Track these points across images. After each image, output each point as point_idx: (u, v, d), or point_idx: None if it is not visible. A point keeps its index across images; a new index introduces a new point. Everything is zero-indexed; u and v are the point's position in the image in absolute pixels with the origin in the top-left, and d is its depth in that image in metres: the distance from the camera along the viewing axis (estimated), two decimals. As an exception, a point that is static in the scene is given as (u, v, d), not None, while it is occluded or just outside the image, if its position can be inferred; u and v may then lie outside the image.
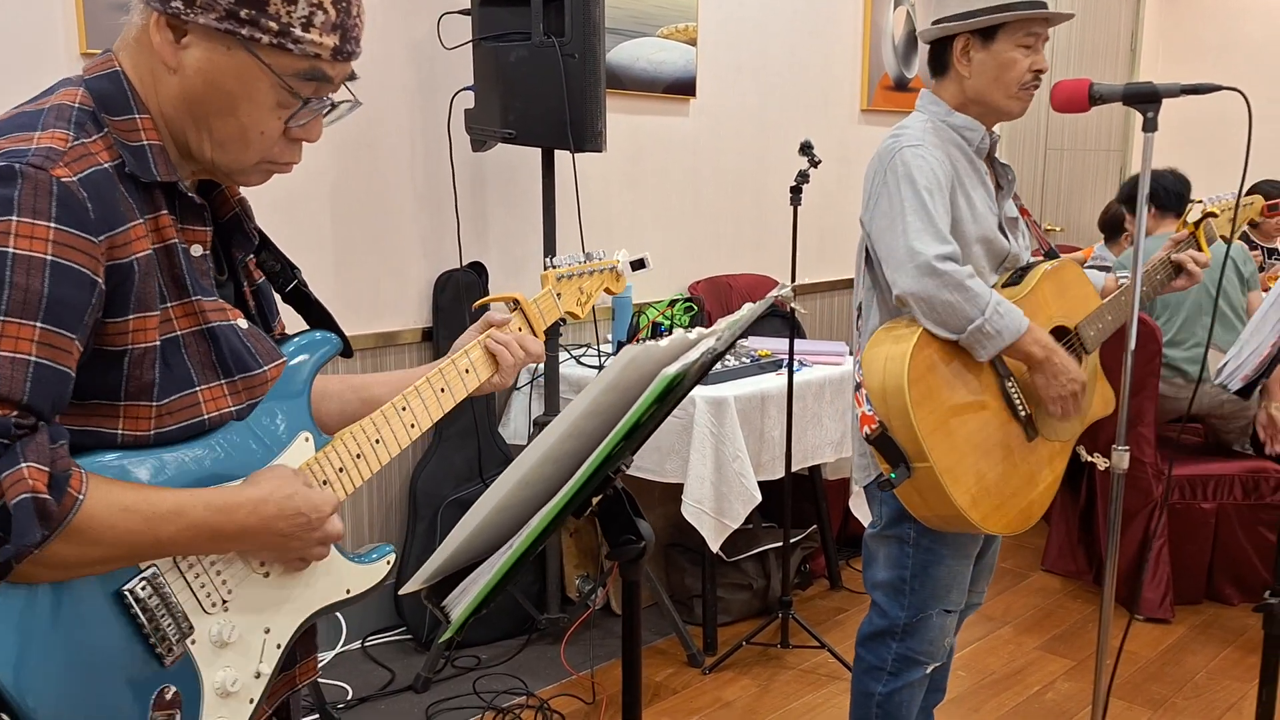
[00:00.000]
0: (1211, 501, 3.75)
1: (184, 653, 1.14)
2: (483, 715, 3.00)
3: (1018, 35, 2.21)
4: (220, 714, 1.17)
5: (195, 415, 1.15)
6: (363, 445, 1.31)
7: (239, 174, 1.21)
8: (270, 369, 1.23)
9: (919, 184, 2.13)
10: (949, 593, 2.35)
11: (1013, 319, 2.11)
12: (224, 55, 1.12)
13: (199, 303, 1.16)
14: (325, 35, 1.14)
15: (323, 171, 3.18)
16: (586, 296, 1.63)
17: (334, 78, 1.19)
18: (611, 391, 1.11)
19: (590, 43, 2.97)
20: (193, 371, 1.15)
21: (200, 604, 1.16)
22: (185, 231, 1.18)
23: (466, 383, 1.42)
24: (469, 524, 1.15)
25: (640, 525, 1.36)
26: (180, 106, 1.15)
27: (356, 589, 1.32)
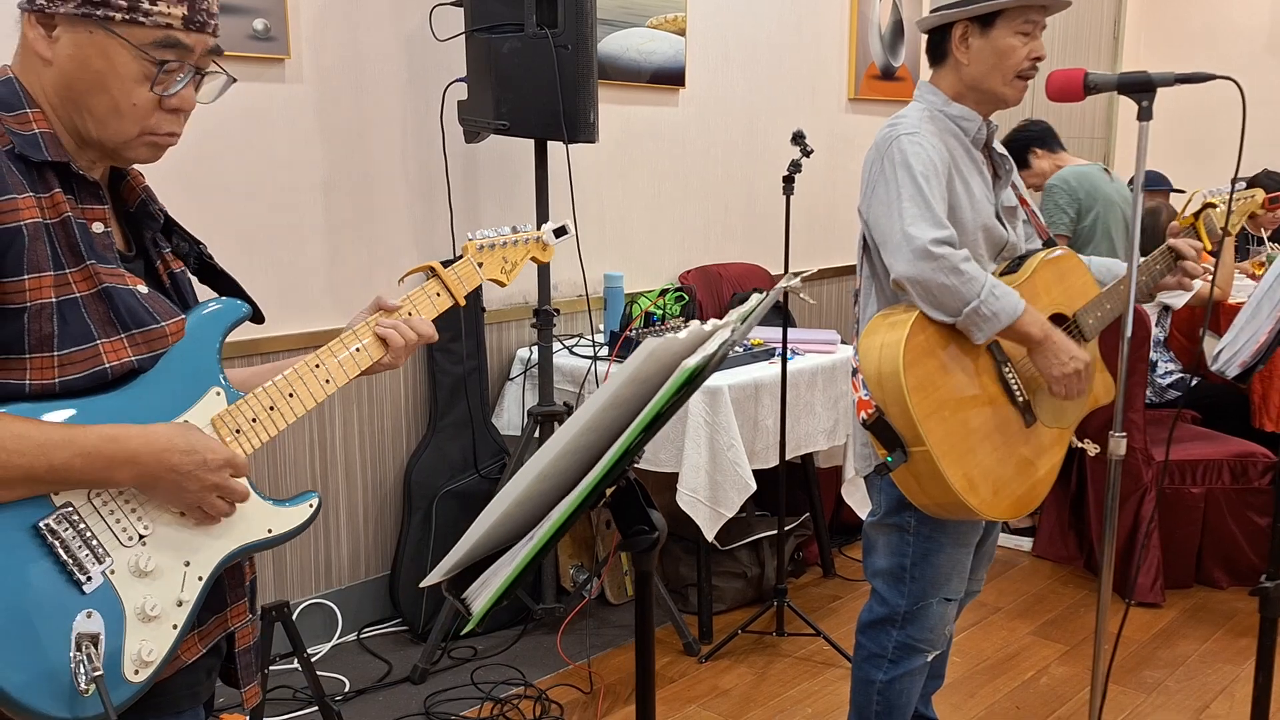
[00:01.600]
0: (1200, 486, 3.78)
1: (103, 581, 1.24)
2: (481, 706, 3.01)
3: (1016, 22, 2.22)
4: (143, 636, 1.26)
5: (97, 365, 1.26)
6: (276, 399, 1.41)
7: (125, 149, 1.32)
8: (169, 324, 1.32)
9: (915, 170, 2.14)
10: (949, 581, 2.37)
11: (1009, 301, 2.13)
12: (87, 38, 1.25)
13: (93, 267, 1.26)
14: (173, 6, 1.27)
15: (315, 163, 3.17)
16: (511, 265, 1.72)
17: (191, 45, 1.29)
18: (631, 384, 1.11)
19: (583, 34, 2.97)
20: (92, 327, 1.26)
21: (117, 537, 1.27)
22: (84, 210, 1.29)
23: (357, 359, 1.49)
24: (488, 517, 1.16)
25: (653, 515, 1.36)
26: (62, 93, 1.28)
27: (278, 529, 1.40)
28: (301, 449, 3.25)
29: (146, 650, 1.26)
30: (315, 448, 3.28)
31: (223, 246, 2.98)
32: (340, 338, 1.49)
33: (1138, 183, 2.13)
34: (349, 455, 3.36)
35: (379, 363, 1.52)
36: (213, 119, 2.90)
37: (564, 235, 1.82)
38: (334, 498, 3.35)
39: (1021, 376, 2.26)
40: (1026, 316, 2.15)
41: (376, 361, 1.51)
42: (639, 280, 3.99)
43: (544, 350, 3.25)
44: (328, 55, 3.16)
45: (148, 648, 1.26)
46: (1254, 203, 2.60)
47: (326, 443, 3.30)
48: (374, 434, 3.41)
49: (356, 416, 3.36)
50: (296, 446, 3.23)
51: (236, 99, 2.97)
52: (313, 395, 1.44)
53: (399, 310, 1.54)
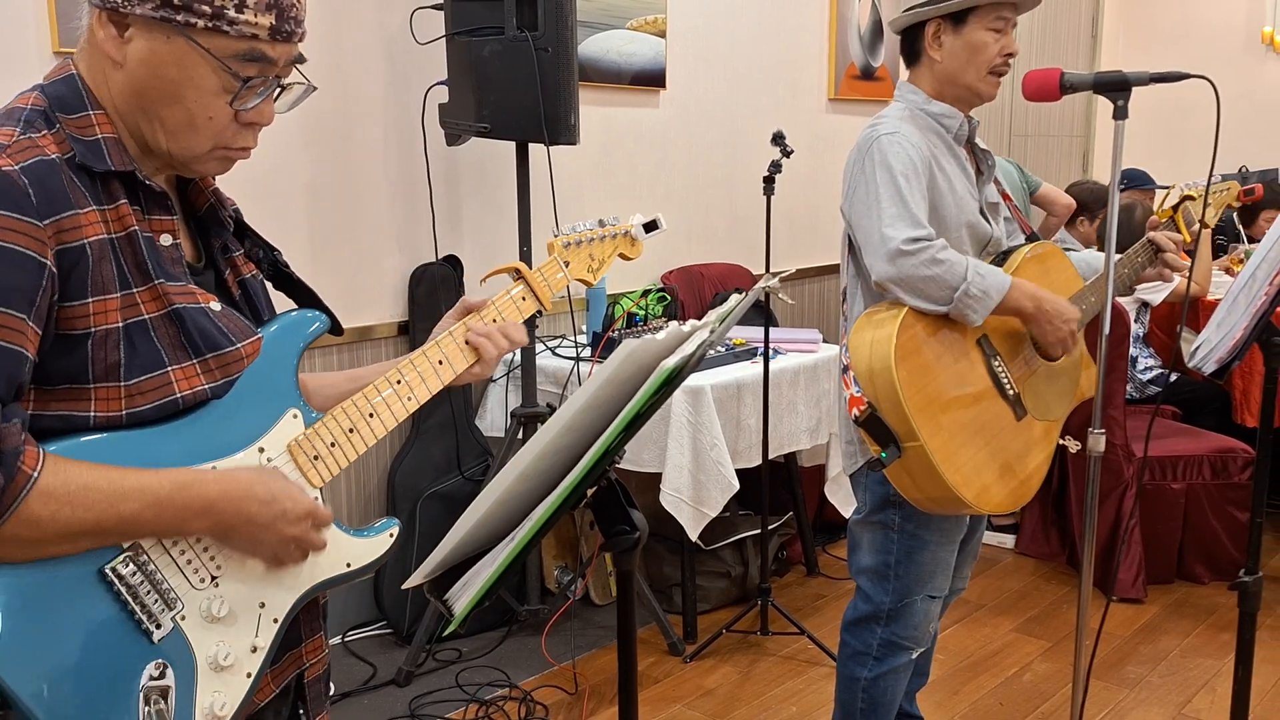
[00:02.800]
0: (1181, 482, 3.81)
1: (173, 628, 1.15)
2: (466, 708, 3.00)
3: (988, 19, 2.24)
4: (215, 687, 1.17)
5: (168, 394, 1.15)
6: (356, 421, 1.30)
7: (195, 163, 1.22)
8: (244, 346, 1.22)
9: (895, 170, 2.16)
10: (933, 578, 2.38)
11: (995, 278, 2.15)
12: (164, 44, 1.14)
13: (163, 286, 1.16)
14: (260, 15, 1.15)
15: (297, 166, 3.16)
16: (599, 263, 1.60)
17: (275, 58, 1.19)
18: (610, 385, 1.12)
19: (563, 37, 2.97)
20: (162, 352, 1.15)
21: (188, 580, 1.17)
22: (151, 221, 1.19)
23: (441, 374, 1.39)
24: (469, 518, 1.16)
25: (634, 515, 1.36)
26: (131, 99, 1.17)
27: (357, 563, 1.30)
28: (284, 453, 3.23)
29: (219, 704, 1.17)
30: (298, 451, 3.27)
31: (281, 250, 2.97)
32: (424, 350, 1.39)
33: (1113, 180, 2.14)
34: (332, 459, 3.35)
35: (468, 371, 1.42)
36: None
37: (656, 230, 1.69)
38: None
39: (1011, 370, 2.28)
40: (1015, 290, 2.17)
41: (466, 370, 1.42)
42: (622, 281, 3.99)
43: (527, 352, 3.25)
44: (309, 58, 3.14)
45: (220, 700, 1.17)
46: (1230, 195, 2.62)
47: (309, 446, 3.29)
48: (357, 437, 3.40)
49: (339, 420, 3.35)
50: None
51: (216, 102, 2.96)
52: (394, 414, 1.33)
53: (485, 312, 1.44)
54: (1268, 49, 6.60)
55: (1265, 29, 6.58)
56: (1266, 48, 6.60)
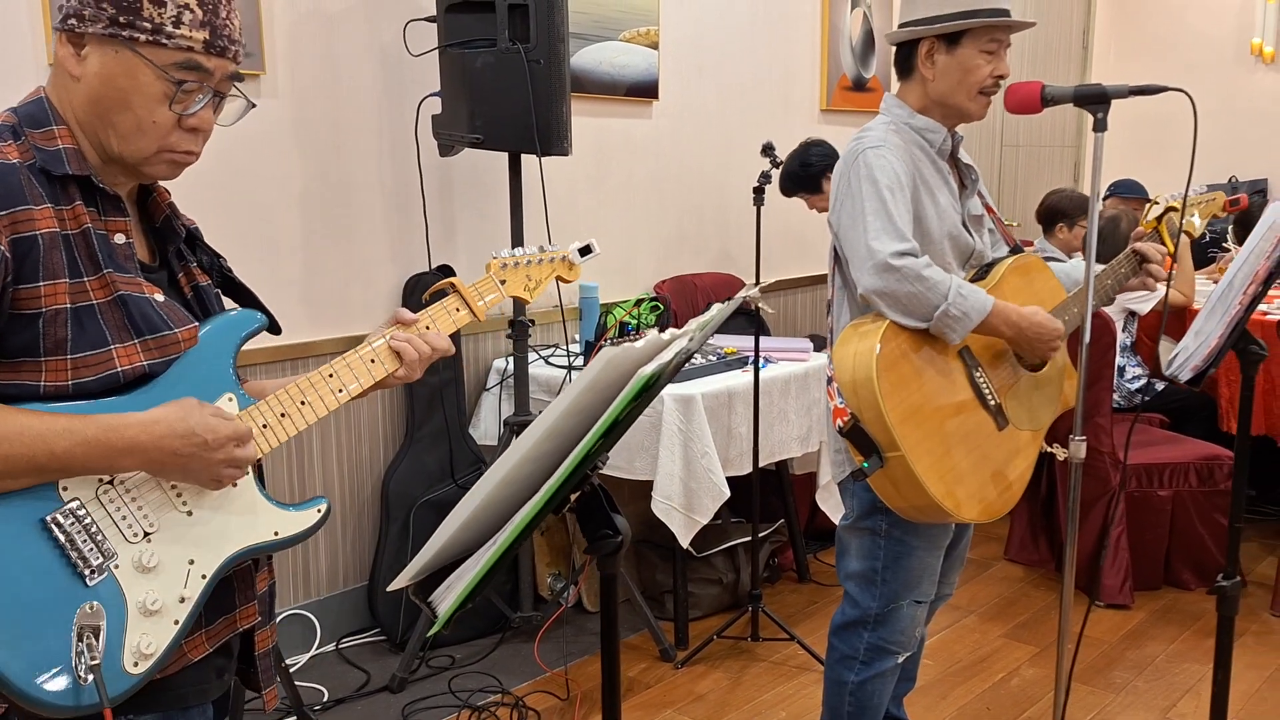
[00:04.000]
0: (1168, 489, 3.85)
1: (107, 575, 1.29)
2: (459, 714, 3.03)
3: (981, 41, 2.27)
4: (144, 629, 1.31)
5: (110, 369, 1.31)
6: (287, 406, 1.45)
7: (145, 165, 1.39)
8: (181, 331, 1.38)
9: (880, 184, 2.19)
10: (920, 583, 2.41)
11: (977, 299, 2.18)
12: (113, 57, 1.33)
13: (111, 275, 1.33)
14: (195, 30, 1.34)
15: (292, 176, 3.20)
16: (535, 283, 1.75)
17: (211, 70, 1.36)
18: (590, 392, 1.15)
19: (555, 49, 3.01)
20: (106, 332, 1.32)
21: (123, 534, 1.31)
22: (106, 221, 1.36)
23: (372, 371, 1.53)
24: (453, 522, 1.19)
25: (617, 520, 1.39)
26: (89, 109, 1.35)
27: (285, 532, 1.44)
28: (280, 459, 3.27)
29: (146, 644, 1.30)
30: (293, 458, 3.30)
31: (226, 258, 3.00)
32: (357, 349, 1.53)
33: (1094, 192, 2.18)
34: (326, 466, 3.39)
35: (394, 375, 1.55)
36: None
37: (590, 254, 1.83)
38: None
39: (992, 380, 2.31)
40: (996, 313, 2.20)
41: (391, 374, 1.54)
42: (615, 290, 4.03)
43: (519, 361, 3.29)
44: (303, 70, 3.19)
45: (147, 641, 1.30)
46: (1215, 205, 2.66)
47: (304, 453, 3.33)
48: (352, 444, 3.43)
49: (334, 427, 3.39)
50: (274, 457, 3.25)
51: (212, 114, 3.00)
52: (325, 403, 1.48)
53: (416, 324, 1.58)
54: (1257, 60, 6.65)
55: (1254, 40, 6.64)
56: (1256, 58, 6.66)
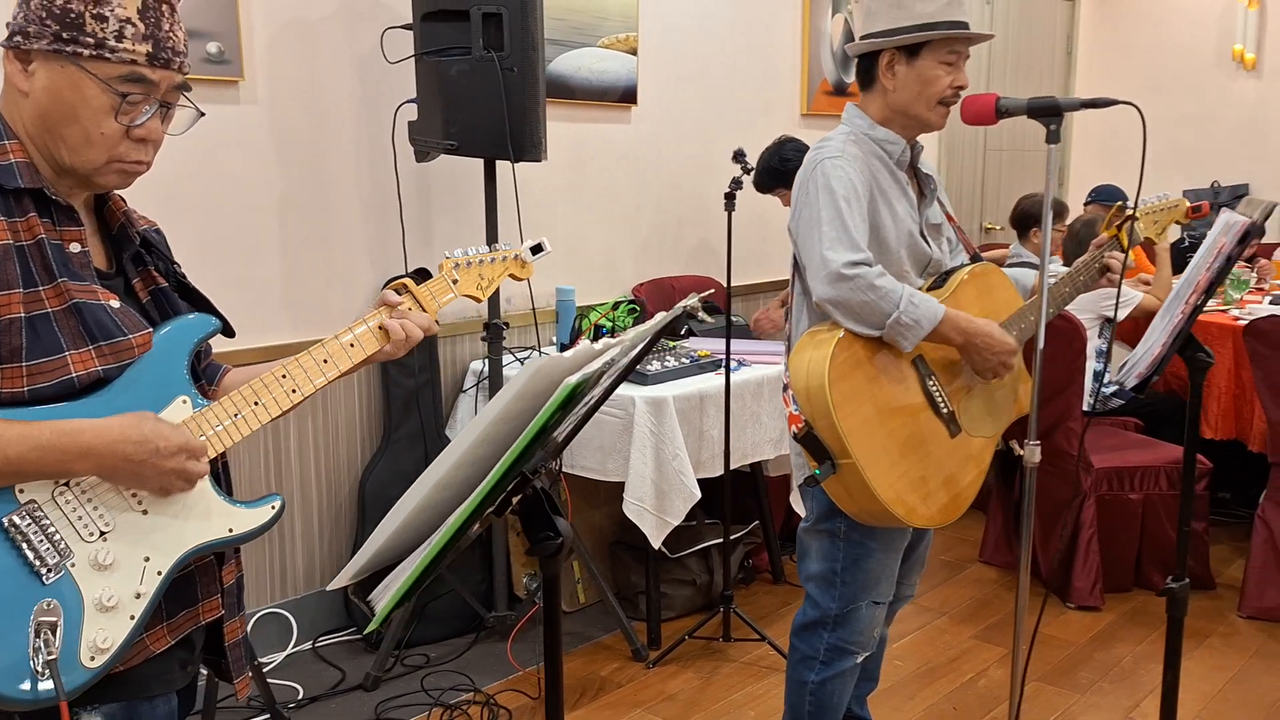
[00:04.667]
0: (1139, 492, 3.89)
1: (64, 573, 1.33)
2: (430, 712, 3.07)
3: (940, 53, 2.31)
4: (101, 625, 1.34)
5: (65, 374, 1.35)
6: (241, 407, 1.48)
7: (96, 175, 1.42)
8: (135, 337, 1.41)
9: (837, 194, 2.24)
10: (878, 584, 2.46)
11: (928, 308, 2.22)
12: (59, 72, 1.37)
13: (65, 284, 1.37)
14: (137, 44, 1.38)
15: (271, 181, 3.24)
16: (489, 282, 1.78)
17: (156, 81, 1.40)
18: (519, 399, 1.19)
19: (529, 57, 3.05)
20: (61, 339, 1.35)
21: (79, 533, 1.35)
22: (61, 231, 1.40)
23: (351, 355, 1.57)
24: (390, 524, 1.24)
25: (559, 523, 1.44)
26: (38, 123, 1.39)
27: (239, 529, 1.48)
28: (257, 460, 3.31)
29: (103, 638, 1.34)
30: (270, 459, 3.34)
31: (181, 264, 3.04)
32: (310, 350, 1.56)
33: (1046, 203, 2.23)
34: (304, 467, 3.43)
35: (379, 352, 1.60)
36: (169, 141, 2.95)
37: (541, 253, 1.87)
38: (289, 509, 3.41)
39: (946, 388, 2.36)
40: (947, 322, 2.25)
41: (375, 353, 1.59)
42: (594, 293, 4.07)
43: (494, 363, 3.33)
44: (282, 77, 3.23)
45: (103, 636, 1.34)
46: (1177, 212, 2.69)
47: (282, 454, 3.37)
48: (329, 445, 3.48)
49: (311, 428, 3.43)
50: (252, 458, 3.30)
51: (190, 120, 3.04)
52: (278, 403, 1.51)
53: (402, 303, 1.63)
54: (1238, 66, 6.70)
55: (1236, 47, 6.69)
56: (1237, 65, 6.71)
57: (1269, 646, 3.52)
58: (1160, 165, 6.83)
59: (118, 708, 1.42)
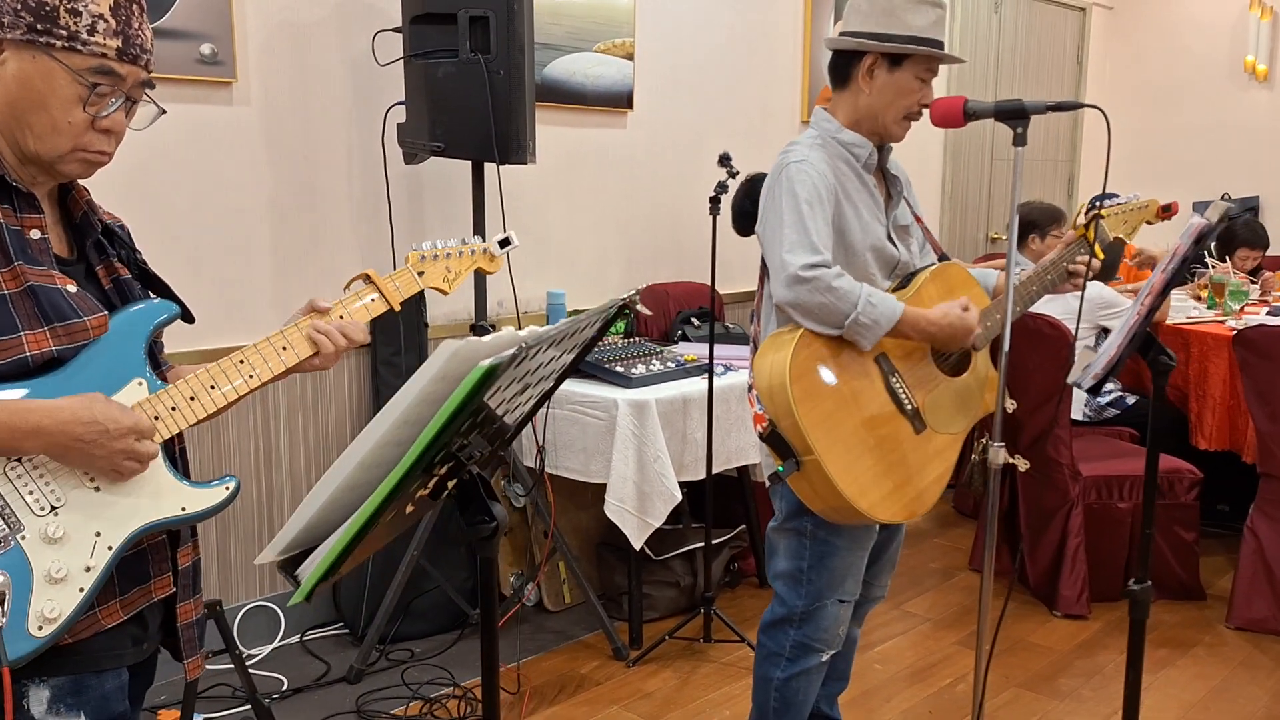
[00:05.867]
0: (1128, 501, 3.88)
1: (13, 545, 1.38)
2: (409, 705, 3.11)
3: (920, 68, 2.34)
4: (49, 596, 1.39)
5: (19, 353, 1.39)
6: (197, 390, 1.52)
7: (60, 163, 1.47)
8: (90, 319, 1.45)
9: (800, 198, 2.27)
10: (844, 582, 2.48)
11: (886, 307, 2.25)
12: (30, 62, 1.42)
13: (21, 268, 1.41)
14: (108, 39, 1.43)
15: (262, 183, 3.30)
16: (455, 274, 1.78)
17: (124, 75, 1.46)
18: (440, 381, 1.23)
19: (515, 59, 3.10)
20: (16, 320, 1.40)
21: (30, 508, 1.40)
22: (22, 218, 1.45)
23: (284, 358, 1.59)
24: (315, 501, 1.27)
25: (494, 508, 1.47)
26: (6, 111, 1.44)
27: (192, 508, 1.51)
28: (247, 458, 3.36)
29: (50, 609, 1.38)
30: (260, 456, 3.40)
31: (172, 264, 3.11)
32: (269, 337, 1.59)
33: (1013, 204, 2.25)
34: (294, 464, 3.48)
35: (308, 362, 1.61)
36: (161, 141, 3.04)
37: (509, 246, 1.88)
38: (278, 505, 3.46)
39: (909, 385, 2.38)
40: (905, 320, 2.27)
41: (306, 360, 1.61)
42: (586, 298, 4.11)
43: (481, 363, 3.37)
44: (274, 79, 3.29)
45: (51, 607, 1.39)
46: (1148, 212, 2.70)
47: (271, 452, 3.42)
48: (318, 443, 3.53)
49: (301, 426, 3.48)
50: (242, 455, 3.35)
51: (185, 121, 3.11)
52: (235, 389, 1.54)
53: (331, 313, 1.63)
54: (1250, 77, 6.68)
55: (1248, 58, 6.67)
56: (1249, 76, 6.69)
57: (1255, 658, 3.51)
58: (1170, 177, 6.81)
59: (66, 680, 1.46)
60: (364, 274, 1.71)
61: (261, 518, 3.44)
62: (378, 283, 1.69)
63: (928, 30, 2.32)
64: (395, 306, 1.71)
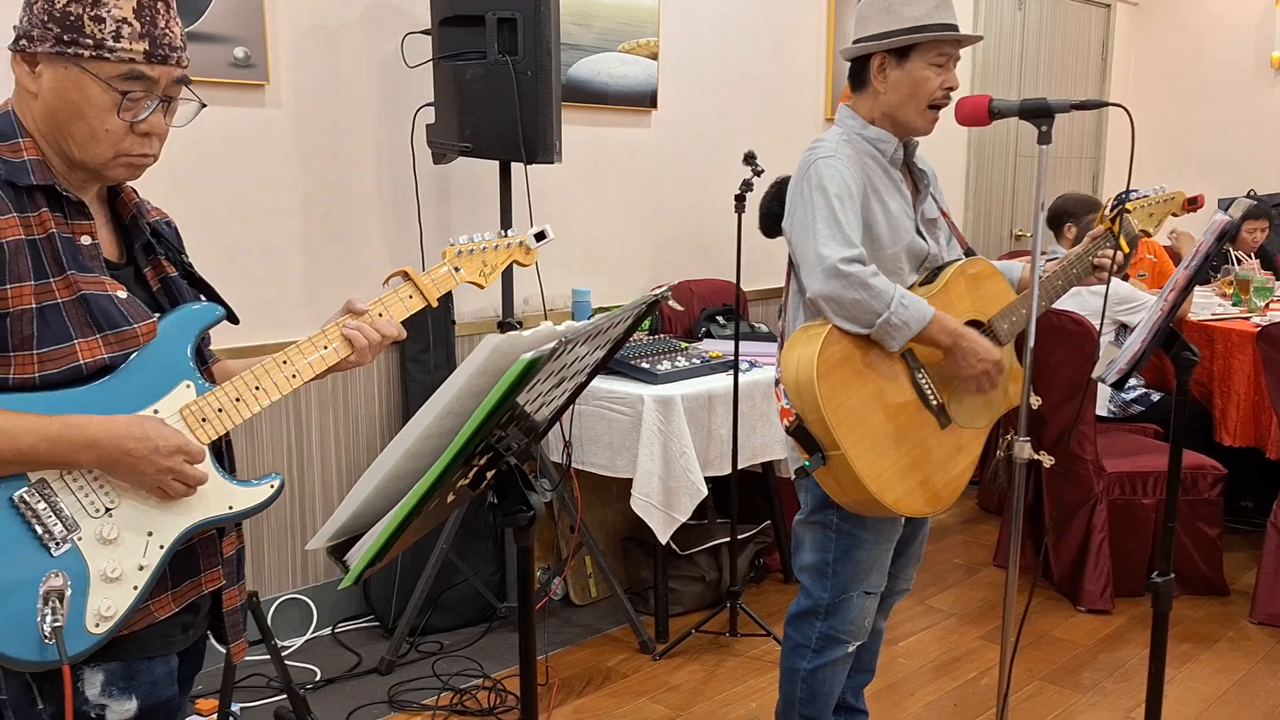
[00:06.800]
0: (1152, 497, 3.89)
1: (71, 546, 1.42)
2: (439, 695, 3.16)
3: (929, 55, 2.37)
4: (105, 594, 1.44)
5: (72, 361, 1.43)
6: (242, 391, 1.55)
7: (105, 169, 1.49)
8: (140, 326, 1.49)
9: (830, 192, 2.30)
10: (869, 575, 2.51)
11: (917, 310, 2.28)
12: (63, 73, 1.44)
13: (74, 276, 1.45)
14: (134, 43, 1.44)
15: (293, 184, 3.36)
16: (492, 269, 1.82)
17: (155, 77, 1.47)
18: (482, 375, 1.27)
19: (542, 60, 3.14)
20: (70, 328, 1.43)
21: (85, 510, 1.44)
22: (72, 225, 1.48)
23: (326, 358, 1.64)
24: (363, 490, 1.32)
25: (531, 497, 1.52)
26: (47, 121, 1.47)
27: (239, 506, 1.56)
28: (280, 452, 3.42)
29: (106, 607, 1.43)
30: (292, 452, 3.46)
31: (206, 261, 3.16)
32: (310, 337, 1.63)
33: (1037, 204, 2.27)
34: (325, 459, 3.54)
35: (346, 360, 1.65)
36: (196, 142, 3.10)
37: (545, 239, 1.90)
38: (310, 500, 3.52)
39: (935, 381, 2.40)
40: (935, 324, 2.30)
41: (344, 359, 1.65)
42: (611, 296, 4.15)
43: (509, 360, 3.41)
44: (305, 81, 3.35)
45: (107, 605, 1.44)
46: (1174, 204, 2.71)
47: (303, 447, 3.48)
48: (349, 439, 3.58)
49: (332, 422, 3.54)
50: (275, 450, 3.41)
51: (218, 123, 3.17)
52: (278, 388, 1.58)
53: (367, 313, 1.68)
54: (1277, 74, 6.65)
55: (1275, 54, 6.65)
56: (1276, 73, 6.66)
57: (1278, 652, 3.52)
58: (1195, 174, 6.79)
59: (118, 665, 1.50)
60: (401, 271, 1.75)
61: (294, 512, 3.50)
62: (414, 279, 1.73)
63: (928, 17, 2.34)
64: (432, 302, 1.74)
